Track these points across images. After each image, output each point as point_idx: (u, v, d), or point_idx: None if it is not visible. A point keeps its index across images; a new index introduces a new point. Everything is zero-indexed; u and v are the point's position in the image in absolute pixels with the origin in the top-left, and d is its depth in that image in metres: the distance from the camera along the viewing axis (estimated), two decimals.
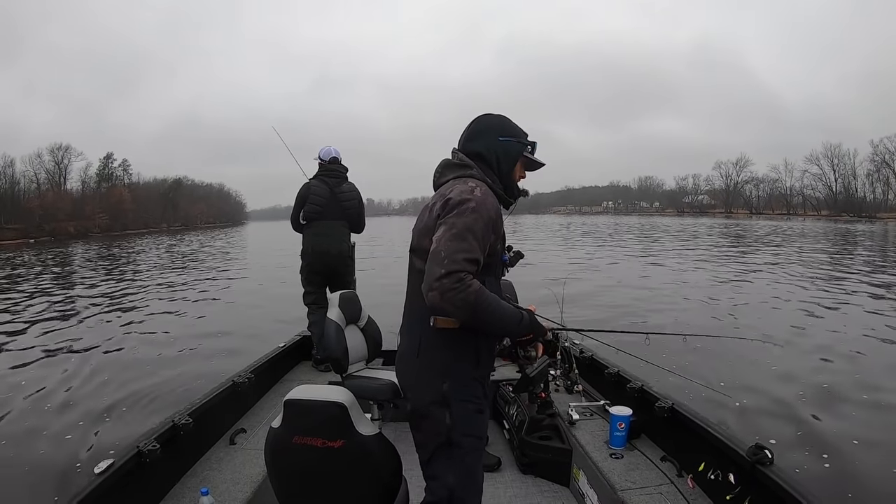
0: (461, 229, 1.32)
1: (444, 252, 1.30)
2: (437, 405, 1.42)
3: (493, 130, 1.53)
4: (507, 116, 1.57)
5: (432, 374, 1.43)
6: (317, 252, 3.67)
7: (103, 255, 25.70)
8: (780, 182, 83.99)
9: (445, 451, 1.43)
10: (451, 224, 1.33)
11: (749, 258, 16.59)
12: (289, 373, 3.56)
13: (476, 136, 1.54)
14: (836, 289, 10.15)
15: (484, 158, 1.51)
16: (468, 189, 1.39)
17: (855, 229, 37.62)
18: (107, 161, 71.24)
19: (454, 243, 1.30)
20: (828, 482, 3.09)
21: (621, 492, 2.08)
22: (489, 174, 1.51)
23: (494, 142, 1.52)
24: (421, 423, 1.46)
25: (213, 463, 2.28)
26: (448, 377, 1.42)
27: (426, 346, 1.44)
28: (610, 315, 7.74)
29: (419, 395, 1.45)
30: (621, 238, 28.66)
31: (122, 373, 5.38)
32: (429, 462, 1.47)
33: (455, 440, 1.42)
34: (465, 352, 1.44)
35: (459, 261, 1.29)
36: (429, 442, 1.46)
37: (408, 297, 1.54)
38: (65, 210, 58.13)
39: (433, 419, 1.43)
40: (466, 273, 1.29)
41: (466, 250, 1.31)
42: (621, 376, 2.84)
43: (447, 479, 1.44)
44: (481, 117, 1.57)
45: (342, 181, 3.75)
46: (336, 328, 2.63)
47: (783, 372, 5.07)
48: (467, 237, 1.32)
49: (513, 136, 1.54)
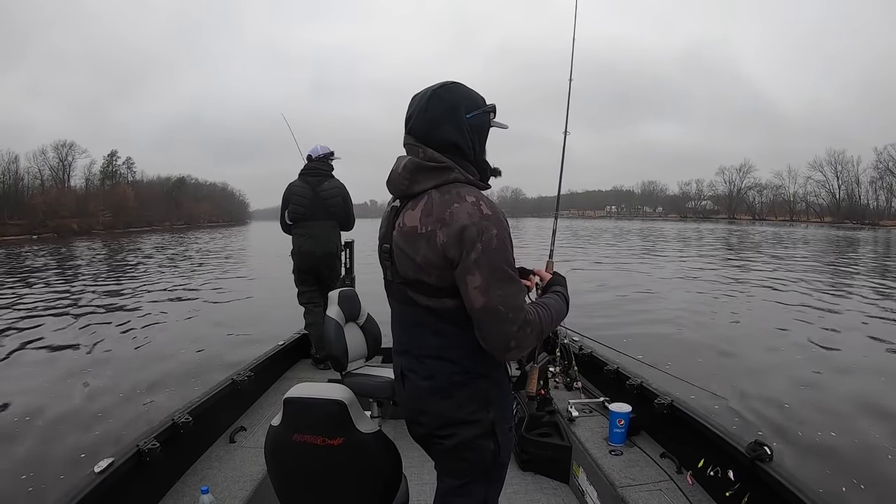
0: (503, 269, 1.17)
1: (503, 307, 1.15)
2: (483, 437, 1.30)
3: (460, 108, 1.24)
4: (459, 83, 1.28)
5: (476, 407, 1.29)
6: (303, 253, 3.66)
7: (112, 252, 25.76)
8: (784, 188, 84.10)
9: (487, 474, 1.36)
10: (490, 267, 1.16)
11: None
12: (288, 371, 3.57)
13: (443, 121, 1.23)
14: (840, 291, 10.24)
15: (461, 148, 1.25)
16: (474, 209, 1.17)
17: (857, 236, 37.58)
18: (111, 159, 71.55)
19: (506, 289, 1.16)
20: (827, 478, 3.09)
21: (621, 488, 2.08)
22: (466, 165, 1.26)
23: (465, 122, 1.24)
24: (462, 455, 1.32)
25: (213, 461, 2.29)
26: (491, 405, 1.30)
27: (460, 382, 1.28)
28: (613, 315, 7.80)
29: (461, 432, 1.30)
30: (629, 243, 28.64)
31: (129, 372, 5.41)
32: (465, 485, 1.36)
33: (500, 462, 1.35)
34: (498, 370, 1.33)
35: (521, 306, 1.18)
36: (471, 470, 1.34)
37: (403, 333, 1.36)
38: (68, 207, 58.24)
39: (480, 451, 1.31)
40: (527, 312, 1.19)
41: (519, 290, 1.19)
42: (621, 373, 2.83)
43: (480, 496, 1.37)
44: (438, 91, 1.24)
45: (324, 179, 3.68)
46: (335, 326, 2.63)
47: (783, 372, 5.09)
48: (510, 274, 1.18)
49: (479, 107, 1.27)
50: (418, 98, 1.27)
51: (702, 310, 8.49)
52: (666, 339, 6.45)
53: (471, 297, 1.17)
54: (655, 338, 6.39)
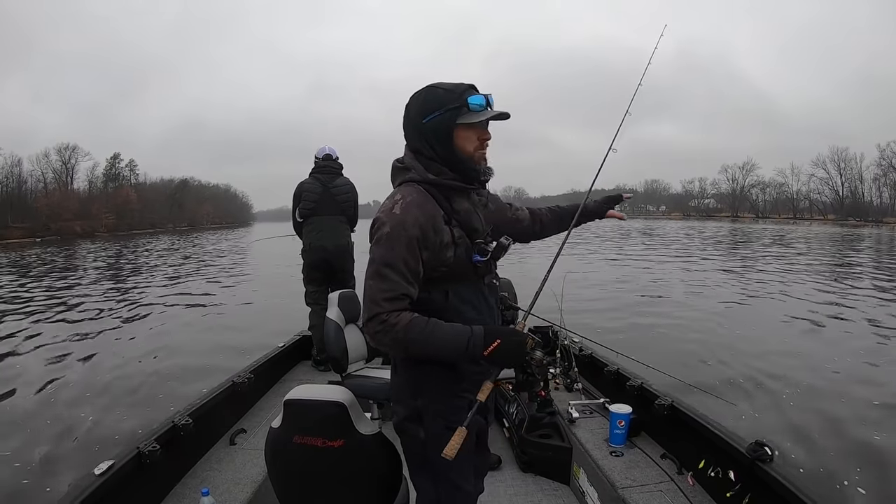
0: (379, 265, 1.25)
1: (367, 294, 1.26)
2: (410, 421, 1.38)
3: (415, 117, 1.32)
4: (435, 84, 1.33)
5: (407, 391, 1.39)
6: (314, 248, 3.68)
7: (126, 253, 25.82)
8: (787, 186, 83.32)
9: (425, 466, 1.39)
10: (371, 259, 1.27)
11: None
12: (288, 373, 3.57)
13: (406, 130, 1.35)
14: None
15: (420, 150, 1.34)
16: (388, 208, 1.28)
17: (861, 234, 37.41)
18: (114, 161, 71.75)
19: (374, 282, 1.25)
20: (828, 479, 3.08)
21: (621, 489, 2.08)
22: (433, 166, 1.33)
23: (421, 127, 1.32)
24: (401, 438, 1.43)
25: (213, 463, 2.29)
26: (421, 395, 1.37)
27: (400, 364, 1.41)
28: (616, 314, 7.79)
29: (396, 410, 1.42)
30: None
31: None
32: (412, 475, 1.45)
33: (431, 457, 1.32)
34: (430, 371, 1.35)
35: (379, 301, 1.24)
36: (410, 456, 1.43)
37: None
38: (71, 209, 58.26)
39: (408, 434, 1.40)
40: (389, 313, 1.23)
41: (386, 289, 1.24)
42: (621, 374, 2.83)
43: (431, 494, 1.41)
44: (408, 101, 1.36)
45: (335, 176, 3.76)
46: (335, 328, 2.64)
47: (783, 372, 5.07)
48: (386, 273, 1.24)
49: (437, 109, 1.29)
50: None
51: (703, 310, 8.44)
52: (666, 339, 6.43)
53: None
54: (655, 338, 6.38)
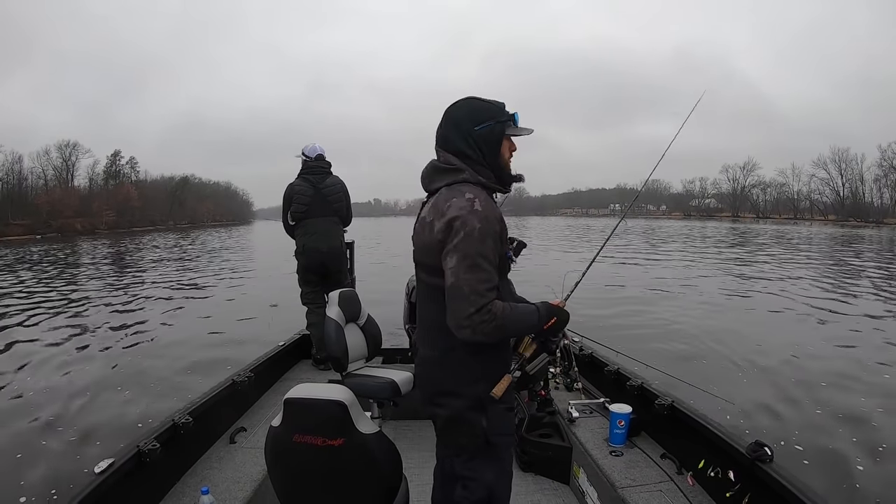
0: (475, 258, 1.31)
1: (466, 288, 1.30)
2: (473, 410, 1.43)
3: (465, 123, 1.44)
4: (474, 97, 1.48)
5: (465, 380, 1.43)
6: (308, 250, 3.65)
7: (130, 251, 25.84)
8: (788, 186, 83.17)
9: (483, 451, 1.46)
10: (464, 253, 1.31)
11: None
12: (289, 371, 3.57)
13: (451, 135, 1.45)
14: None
15: (468, 155, 1.44)
16: (467, 205, 1.34)
17: (862, 235, 37.38)
18: (114, 158, 71.44)
19: (473, 275, 1.30)
20: (828, 479, 3.08)
21: (621, 489, 2.08)
22: (480, 169, 1.45)
23: (472, 134, 1.43)
24: (456, 428, 1.47)
25: (213, 462, 2.29)
26: (482, 380, 1.43)
27: (453, 354, 1.43)
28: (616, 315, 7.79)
29: (451, 402, 1.45)
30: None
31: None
32: (466, 462, 1.48)
33: (493, 441, 1.45)
34: (494, 354, 1.45)
35: (483, 292, 1.30)
36: (466, 445, 1.47)
37: (419, 306, 1.55)
38: (72, 206, 58.13)
39: (470, 424, 1.44)
40: (493, 302, 1.31)
41: (486, 280, 1.31)
42: (621, 374, 2.83)
43: (486, 478, 1.47)
44: (449, 111, 1.48)
45: (326, 176, 3.71)
46: (336, 327, 2.63)
47: (785, 373, 5.08)
48: (483, 265, 1.31)
49: (489, 120, 1.44)
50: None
51: (704, 310, 8.45)
52: (666, 339, 6.44)
53: (446, 276, 1.34)
54: (656, 338, 6.38)
